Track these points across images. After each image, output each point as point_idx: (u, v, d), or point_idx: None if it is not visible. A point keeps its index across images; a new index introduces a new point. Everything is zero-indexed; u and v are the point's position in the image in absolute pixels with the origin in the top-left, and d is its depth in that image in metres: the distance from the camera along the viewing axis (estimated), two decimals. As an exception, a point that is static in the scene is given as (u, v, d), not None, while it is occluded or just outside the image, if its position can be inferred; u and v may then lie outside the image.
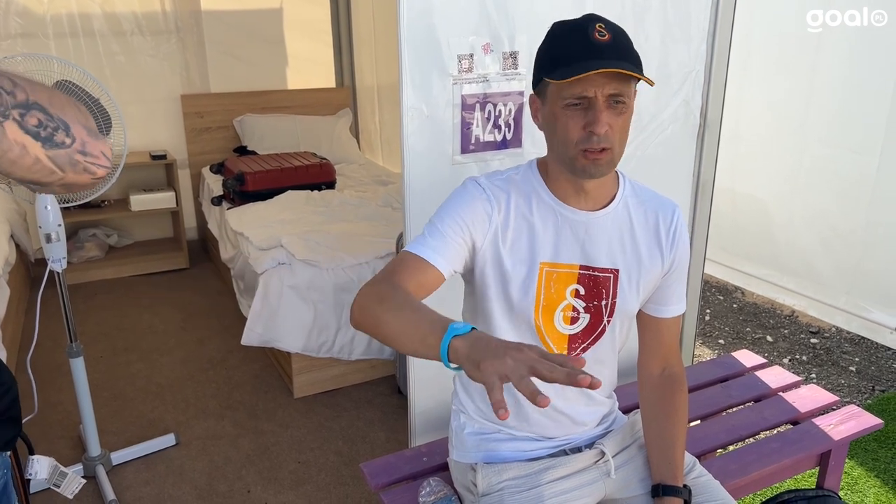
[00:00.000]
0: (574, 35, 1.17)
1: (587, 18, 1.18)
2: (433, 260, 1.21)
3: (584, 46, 1.15)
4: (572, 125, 1.18)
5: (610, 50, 1.15)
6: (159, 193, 4.22)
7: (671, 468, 1.38)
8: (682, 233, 1.37)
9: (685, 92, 2.11)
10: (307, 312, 2.78)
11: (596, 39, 1.15)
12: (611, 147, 1.19)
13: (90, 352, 3.24)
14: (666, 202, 1.37)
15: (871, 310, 3.39)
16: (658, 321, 1.43)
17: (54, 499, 2.24)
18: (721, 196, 2.96)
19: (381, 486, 1.62)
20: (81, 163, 0.90)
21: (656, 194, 1.38)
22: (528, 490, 1.35)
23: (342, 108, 4.99)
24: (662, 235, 1.35)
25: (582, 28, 1.17)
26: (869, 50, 3.19)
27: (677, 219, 1.36)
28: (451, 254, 1.24)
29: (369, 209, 3.59)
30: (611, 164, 1.21)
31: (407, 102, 1.65)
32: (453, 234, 1.24)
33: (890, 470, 2.43)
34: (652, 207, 1.35)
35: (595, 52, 1.15)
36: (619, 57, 1.15)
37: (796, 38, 3.50)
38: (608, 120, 1.16)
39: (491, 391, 0.84)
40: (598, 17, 1.19)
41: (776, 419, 1.89)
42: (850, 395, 2.94)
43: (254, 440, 2.60)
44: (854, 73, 3.28)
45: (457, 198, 1.29)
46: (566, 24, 1.21)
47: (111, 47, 4.24)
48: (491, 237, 1.28)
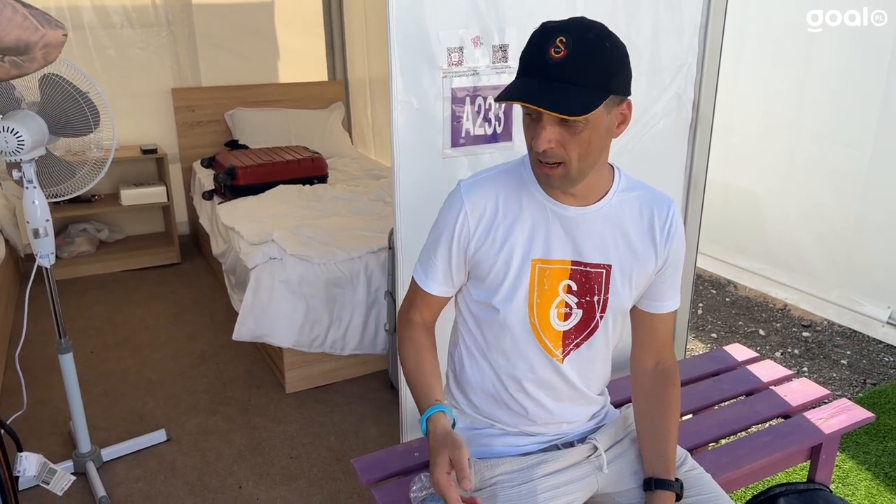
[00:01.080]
0: (533, 46, 1.14)
1: (557, 27, 1.13)
2: (436, 291, 1.38)
3: (533, 64, 1.13)
4: (527, 135, 1.19)
5: (557, 70, 1.10)
6: (150, 188, 4.19)
7: (663, 461, 1.38)
8: (678, 228, 1.35)
9: (677, 85, 2.10)
10: (299, 307, 2.77)
11: (549, 57, 1.11)
12: (564, 162, 1.17)
13: (81, 347, 3.22)
14: (661, 197, 1.35)
15: (863, 303, 3.40)
16: (652, 316, 1.42)
17: (44, 496, 2.23)
18: (713, 190, 2.96)
19: (373, 481, 1.61)
20: (51, 20, 1.14)
21: (652, 189, 1.36)
22: (522, 484, 1.35)
23: (334, 101, 4.97)
24: (657, 231, 1.33)
25: (542, 41, 1.12)
26: (861, 44, 3.19)
27: (673, 214, 1.34)
28: (450, 277, 1.37)
29: (361, 203, 3.57)
30: (567, 178, 1.19)
31: (397, 96, 1.64)
32: (444, 262, 1.35)
33: (881, 463, 2.44)
34: (647, 202, 1.33)
35: (539, 72, 1.12)
36: (564, 78, 1.10)
37: (790, 32, 3.50)
38: (556, 137, 1.14)
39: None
40: (572, 25, 1.13)
41: (768, 413, 1.90)
42: (841, 389, 2.95)
43: (245, 435, 2.59)
44: (847, 66, 3.28)
45: (442, 219, 1.36)
46: (540, 28, 1.16)
47: (101, 40, 4.21)
48: (476, 244, 1.32)
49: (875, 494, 2.30)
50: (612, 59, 1.13)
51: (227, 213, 3.47)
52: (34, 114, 2.06)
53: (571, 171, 1.18)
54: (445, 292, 1.39)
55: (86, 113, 2.15)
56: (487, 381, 1.41)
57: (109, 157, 2.29)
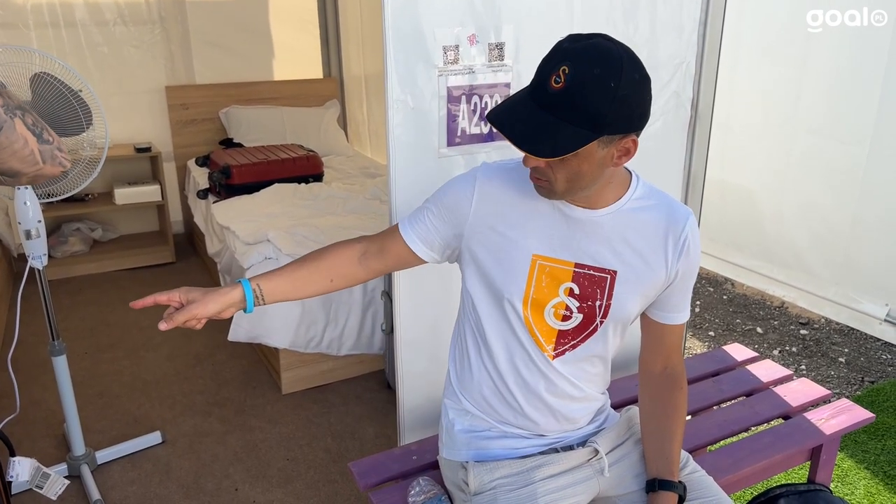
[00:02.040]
0: (542, 67, 1.13)
1: (567, 53, 1.09)
2: (407, 239, 1.37)
3: (532, 86, 1.14)
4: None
5: (553, 100, 1.09)
6: (144, 187, 4.16)
7: (668, 463, 1.37)
8: (693, 242, 1.31)
9: (676, 83, 2.08)
10: (295, 308, 2.75)
11: (549, 86, 1.10)
12: (549, 181, 1.19)
13: (75, 348, 3.19)
14: (678, 209, 1.31)
15: (861, 300, 3.40)
16: (662, 326, 1.41)
17: (37, 500, 2.20)
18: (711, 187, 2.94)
19: (370, 485, 1.60)
20: (58, 157, 1.21)
21: (671, 200, 1.32)
22: (522, 488, 1.33)
23: (329, 99, 4.94)
24: (670, 243, 1.30)
25: (551, 64, 1.11)
26: (859, 41, 3.18)
27: (689, 227, 1.30)
28: (427, 236, 1.36)
29: (357, 202, 3.55)
30: (552, 193, 1.21)
31: (392, 94, 1.62)
32: (431, 219, 1.36)
33: (880, 462, 2.44)
34: (664, 213, 1.30)
35: (538, 95, 1.12)
36: (556, 112, 1.09)
37: (787, 29, 3.49)
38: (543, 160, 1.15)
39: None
40: (582, 56, 1.08)
41: (768, 414, 1.88)
42: (839, 387, 2.94)
43: (241, 437, 2.57)
44: (844, 62, 3.27)
45: (449, 187, 1.36)
46: (556, 48, 1.13)
47: (94, 38, 4.17)
48: (470, 229, 1.32)
49: (874, 493, 2.29)
50: (613, 99, 1.07)
51: (222, 213, 3.44)
52: (25, 113, 2.03)
53: (556, 190, 1.20)
54: (414, 247, 1.36)
55: (77, 112, 2.13)
56: (486, 374, 1.40)
57: (103, 155, 2.27)
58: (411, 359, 1.88)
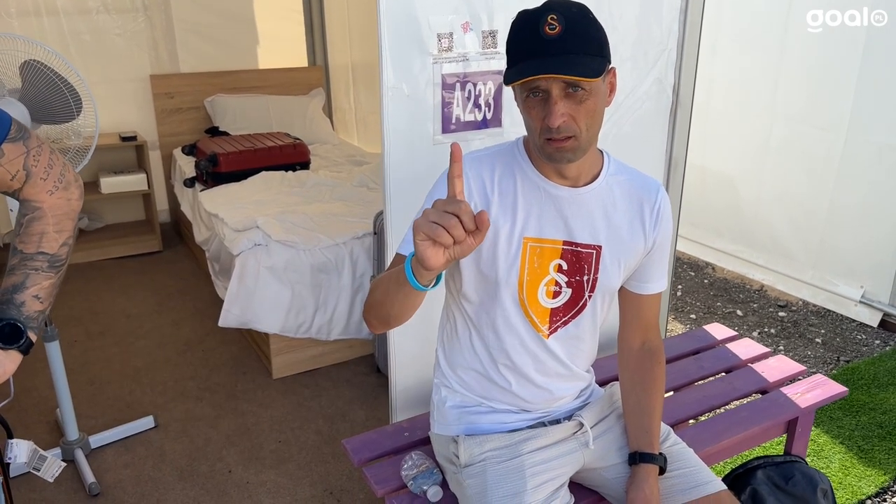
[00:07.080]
0: (524, 31, 1.17)
1: (542, 9, 1.16)
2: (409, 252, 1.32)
3: (531, 44, 1.15)
4: (534, 115, 1.20)
5: (558, 45, 1.14)
6: (130, 176, 4.15)
7: (648, 436, 1.42)
8: (666, 212, 1.39)
9: (658, 70, 2.13)
10: (284, 293, 2.78)
11: (545, 34, 1.14)
12: (574, 135, 1.19)
13: (64, 336, 3.20)
14: (650, 181, 1.39)
15: (837, 283, 3.49)
16: (639, 297, 1.46)
17: (34, 483, 2.23)
18: (691, 173, 3.01)
19: (364, 461, 1.64)
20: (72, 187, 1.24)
21: (640, 173, 1.40)
22: (510, 460, 1.38)
23: (315, 87, 4.94)
24: (646, 214, 1.37)
25: (533, 21, 1.15)
26: (835, 31, 3.25)
27: (661, 198, 1.38)
28: None
29: (344, 189, 3.58)
30: (578, 149, 1.22)
31: (387, 82, 1.64)
32: None
33: (854, 437, 2.53)
34: (636, 186, 1.37)
35: (541, 49, 1.14)
36: (566, 51, 1.14)
37: (765, 16, 3.55)
38: (566, 109, 1.17)
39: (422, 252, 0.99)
40: (555, 4, 1.16)
41: (746, 389, 1.95)
42: (816, 366, 3.03)
43: (233, 421, 2.61)
44: (821, 50, 3.34)
45: (438, 187, 1.34)
46: (524, 14, 1.18)
47: (76, 26, 4.14)
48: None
49: (848, 467, 2.38)
50: (600, 28, 1.19)
51: (209, 201, 3.45)
52: (15, 101, 2.04)
53: (582, 142, 1.21)
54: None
55: (68, 100, 2.14)
56: (476, 357, 1.44)
57: (92, 144, 2.28)
58: (403, 340, 1.93)
